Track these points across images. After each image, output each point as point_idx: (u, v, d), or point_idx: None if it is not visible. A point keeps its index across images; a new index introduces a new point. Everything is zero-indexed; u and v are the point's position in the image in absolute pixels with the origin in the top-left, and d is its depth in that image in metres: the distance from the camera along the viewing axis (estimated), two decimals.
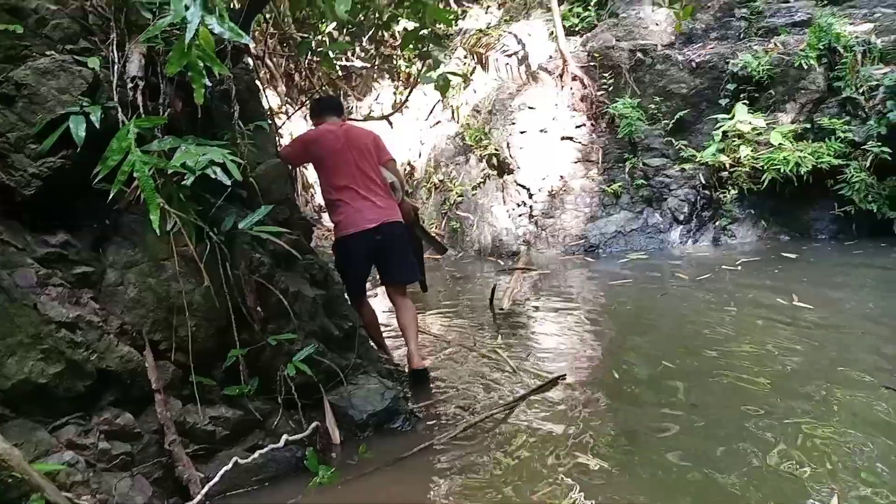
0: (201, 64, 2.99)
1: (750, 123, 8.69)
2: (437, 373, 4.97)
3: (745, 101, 9.02)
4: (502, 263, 9.16)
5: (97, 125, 2.95)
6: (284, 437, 3.32)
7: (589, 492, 3.14)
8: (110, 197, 2.92)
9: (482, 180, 10.30)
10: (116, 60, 3.19)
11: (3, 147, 2.98)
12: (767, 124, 8.77)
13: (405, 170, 11.40)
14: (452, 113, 11.37)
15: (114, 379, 3.02)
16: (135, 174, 2.85)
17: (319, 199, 9.85)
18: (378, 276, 4.90)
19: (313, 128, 4.72)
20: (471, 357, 5.31)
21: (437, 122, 11.73)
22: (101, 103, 3.06)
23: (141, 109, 3.08)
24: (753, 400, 4.11)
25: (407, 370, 4.70)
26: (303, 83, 12.04)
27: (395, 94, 12.60)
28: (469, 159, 10.63)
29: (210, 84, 3.12)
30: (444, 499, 3.23)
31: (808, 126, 8.87)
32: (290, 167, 4.52)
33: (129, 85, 3.11)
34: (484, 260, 9.62)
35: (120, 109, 3.08)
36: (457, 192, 10.42)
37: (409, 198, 5.68)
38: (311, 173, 10.25)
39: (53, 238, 3.11)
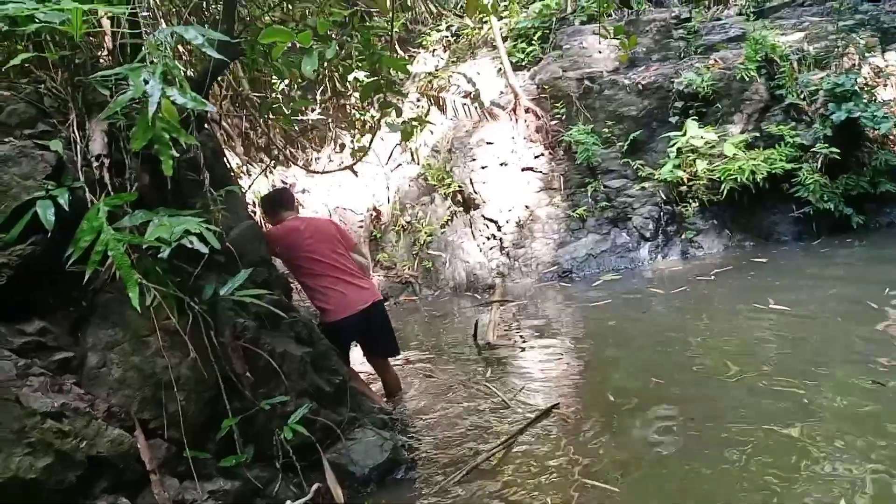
0: (167, 136, 2.98)
1: (702, 138, 8.96)
2: (431, 412, 4.92)
3: (695, 117, 9.30)
4: (479, 297, 9.16)
5: (66, 207, 2.90)
6: (288, 503, 3.23)
7: None
8: (86, 279, 2.86)
9: (449, 218, 10.37)
10: (79, 140, 3.16)
11: None
12: (719, 137, 9.05)
13: (371, 215, 11.42)
14: (412, 155, 11.47)
15: (106, 464, 2.91)
16: (109, 253, 2.80)
17: None
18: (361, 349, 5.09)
19: (273, 226, 4.76)
20: (462, 393, 5.27)
21: (398, 165, 11.81)
22: (67, 185, 3.02)
23: (109, 187, 3.04)
24: (750, 406, 4.17)
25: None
26: (259, 140, 12.05)
27: (352, 142, 12.68)
28: (434, 199, 10.70)
29: (177, 154, 3.10)
30: None
31: (758, 134, 9.17)
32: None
33: (95, 164, 3.07)
34: (461, 296, 9.62)
35: (87, 189, 3.03)
36: (426, 232, 10.46)
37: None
38: None
39: (29, 326, 3.02)
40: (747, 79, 9.23)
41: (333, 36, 4.02)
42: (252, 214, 4.32)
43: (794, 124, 9.00)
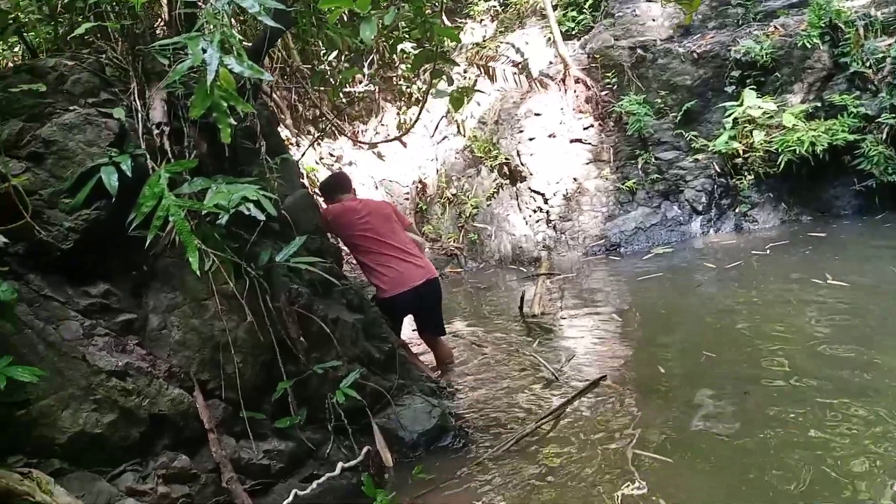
0: (224, 104, 3.02)
1: (760, 108, 8.63)
2: (479, 383, 4.96)
3: (753, 87, 8.97)
4: (524, 270, 9.12)
5: (129, 174, 2.98)
6: (340, 464, 3.31)
7: (649, 488, 3.12)
8: (147, 243, 2.94)
9: (496, 190, 10.30)
10: (140, 109, 3.23)
11: (38, 204, 3.02)
12: (778, 107, 8.71)
13: (417, 187, 11.43)
14: (458, 127, 11.40)
15: (167, 422, 3.03)
16: (170, 218, 2.87)
17: None
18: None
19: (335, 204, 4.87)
20: (509, 364, 5.29)
21: (444, 138, 11.76)
22: (129, 152, 3.10)
23: (169, 154, 3.11)
24: (804, 382, 4.07)
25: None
26: (307, 113, 12.15)
27: (398, 114, 12.67)
28: (480, 171, 10.63)
29: (234, 122, 3.15)
30: None
31: (819, 105, 8.79)
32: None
33: (156, 132, 3.14)
34: (505, 269, 9.59)
35: (148, 156, 3.11)
36: (471, 205, 10.42)
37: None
38: None
39: (94, 289, 3.14)
40: (809, 46, 8.83)
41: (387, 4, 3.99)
42: (305, 184, 4.37)
43: (858, 94, 8.58)
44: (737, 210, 9.10)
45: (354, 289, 4.16)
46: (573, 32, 10.86)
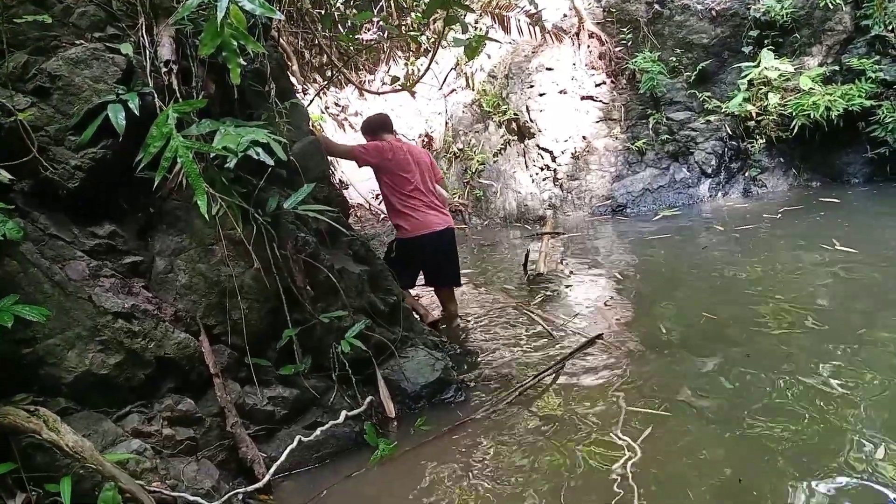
0: (234, 43, 2.93)
1: (777, 69, 8.46)
2: (480, 338, 4.97)
3: (771, 48, 8.77)
4: (529, 229, 9.08)
5: (136, 112, 2.91)
6: (344, 412, 3.33)
7: (641, 445, 3.15)
8: (155, 184, 2.89)
9: (503, 146, 10.18)
10: (147, 45, 3.14)
11: (43, 140, 2.96)
12: (795, 69, 8.54)
13: (423, 141, 11.30)
14: (467, 80, 11.19)
15: (172, 366, 3.03)
16: (178, 160, 2.81)
17: (342, 177, 9.81)
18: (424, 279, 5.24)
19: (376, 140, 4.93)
20: (511, 321, 5.30)
21: (452, 91, 11.56)
22: (136, 90, 3.02)
23: (177, 94, 3.03)
24: (804, 347, 4.07)
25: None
26: (314, 60, 11.91)
27: (406, 65, 12.43)
28: (488, 126, 10.49)
29: (244, 63, 3.06)
30: (506, 464, 3.24)
31: (837, 68, 8.62)
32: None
33: (163, 70, 3.06)
34: (510, 227, 9.55)
35: (156, 95, 3.03)
36: (478, 161, 10.31)
37: None
38: None
39: (100, 229, 3.11)
40: (831, 7, 8.61)
41: None
42: (313, 130, 4.29)
43: (878, 58, 8.40)
44: (746, 174, 9.01)
45: (361, 240, 4.12)
46: None
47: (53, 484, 2.47)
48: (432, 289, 5.43)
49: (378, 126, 5.03)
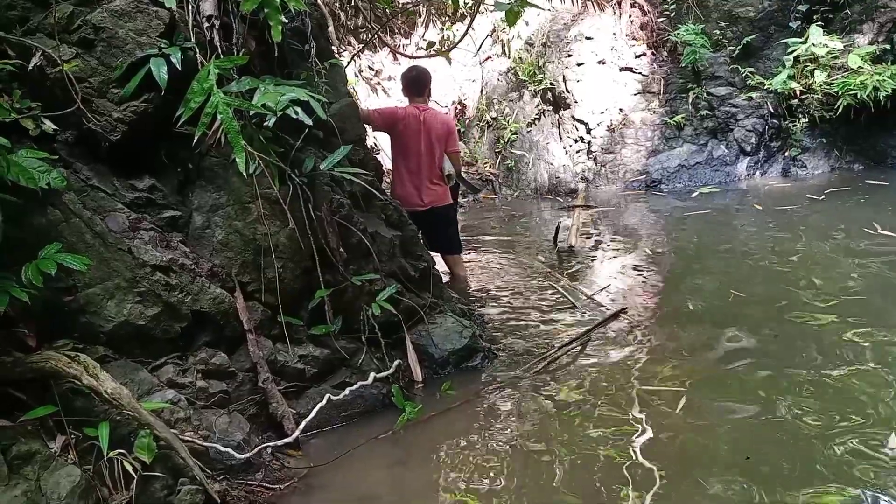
0: None
1: (825, 46, 8.17)
2: (508, 308, 4.98)
3: (820, 24, 8.46)
4: (560, 201, 8.99)
5: (178, 66, 2.91)
6: (372, 374, 3.37)
7: (654, 420, 3.17)
8: (195, 140, 2.91)
9: (537, 116, 10.03)
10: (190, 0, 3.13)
11: (87, 92, 2.98)
12: (844, 46, 8.24)
13: (456, 108, 11.19)
14: (503, 47, 11.01)
15: (207, 320, 3.08)
16: (218, 116, 2.81)
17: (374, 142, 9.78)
18: None
19: (400, 105, 5.13)
20: (539, 293, 5.29)
21: (488, 58, 11.40)
22: (178, 44, 3.02)
23: (219, 49, 3.03)
24: (835, 332, 4.00)
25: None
26: (349, 23, 11.81)
27: (442, 29, 12.27)
28: (523, 95, 10.34)
29: (285, 21, 3.04)
30: (529, 432, 3.26)
31: (888, 47, 8.29)
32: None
33: (206, 24, 3.05)
34: (541, 198, 9.46)
35: (197, 50, 3.03)
36: (511, 130, 10.18)
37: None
38: None
39: (140, 182, 3.15)
40: None
41: None
42: (350, 92, 4.28)
43: None
44: (786, 153, 8.79)
45: (393, 205, 4.12)
46: None
47: (92, 428, 2.54)
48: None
49: (408, 84, 5.06)
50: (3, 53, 2.87)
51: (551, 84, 9.78)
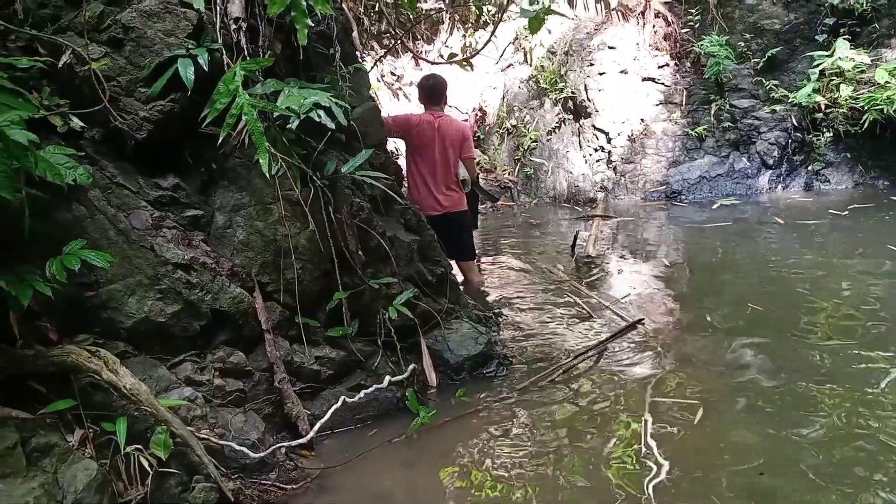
0: (304, 3, 2.94)
1: (852, 60, 8.08)
2: (524, 316, 4.97)
3: (847, 37, 8.38)
4: (579, 210, 8.96)
5: (205, 67, 2.95)
6: (388, 377, 3.37)
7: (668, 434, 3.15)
8: (220, 140, 2.93)
9: (557, 125, 10.01)
10: (218, 1, 3.16)
11: (115, 91, 3.02)
12: (872, 60, 8.14)
13: (476, 115, 11.20)
14: (525, 55, 11.02)
15: (226, 319, 3.10)
16: (243, 117, 2.84)
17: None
18: None
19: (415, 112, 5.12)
20: (556, 301, 5.28)
21: (509, 66, 11.41)
22: (206, 46, 3.06)
23: (245, 51, 3.06)
24: (851, 352, 3.94)
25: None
26: (372, 28, 11.89)
27: (464, 36, 12.31)
28: (543, 103, 10.33)
29: (311, 24, 3.07)
30: (542, 441, 3.25)
31: None
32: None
33: (233, 27, 3.08)
34: (559, 206, 9.44)
35: (224, 52, 3.06)
36: (531, 138, 10.18)
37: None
38: None
39: (164, 181, 3.18)
40: None
41: None
42: (373, 97, 4.30)
43: None
44: (809, 168, 8.69)
45: (413, 209, 4.13)
46: None
47: (109, 423, 2.56)
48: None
49: (424, 92, 5.11)
50: (35, 51, 2.92)
51: (572, 93, 9.77)
